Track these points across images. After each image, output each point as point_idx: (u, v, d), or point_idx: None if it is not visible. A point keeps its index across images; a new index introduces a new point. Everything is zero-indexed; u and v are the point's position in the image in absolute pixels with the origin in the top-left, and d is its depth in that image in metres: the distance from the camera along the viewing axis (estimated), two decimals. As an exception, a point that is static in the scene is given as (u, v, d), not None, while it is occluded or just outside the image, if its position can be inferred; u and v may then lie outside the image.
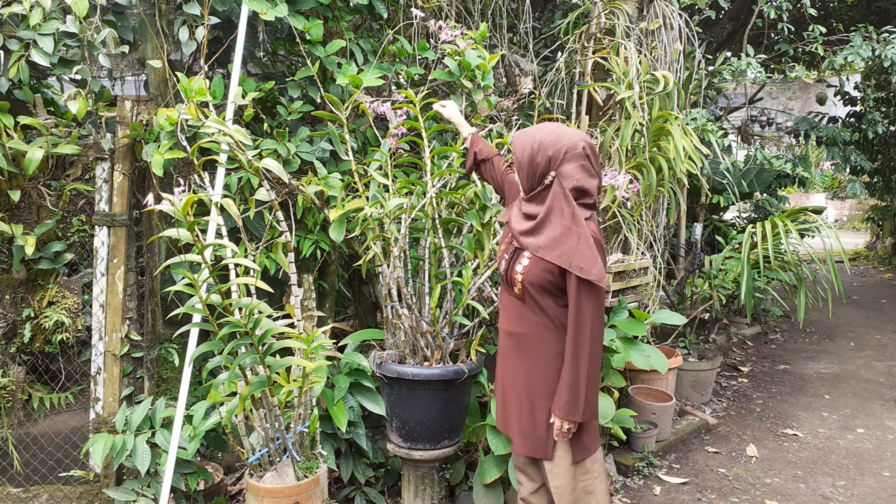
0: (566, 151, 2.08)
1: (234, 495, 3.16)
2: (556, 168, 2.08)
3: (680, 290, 5.14)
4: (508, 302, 2.25)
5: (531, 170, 2.11)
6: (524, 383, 2.19)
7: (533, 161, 2.10)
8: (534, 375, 2.17)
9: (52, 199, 2.95)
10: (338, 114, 2.75)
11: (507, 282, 2.22)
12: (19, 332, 2.91)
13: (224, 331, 2.09)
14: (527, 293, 2.15)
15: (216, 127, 2.22)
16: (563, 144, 2.08)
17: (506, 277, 2.23)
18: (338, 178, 2.90)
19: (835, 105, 7.54)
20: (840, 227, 15.56)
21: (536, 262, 2.10)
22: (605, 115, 3.96)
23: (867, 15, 7.25)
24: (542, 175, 2.11)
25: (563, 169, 2.08)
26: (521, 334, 2.19)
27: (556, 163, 2.08)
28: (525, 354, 2.19)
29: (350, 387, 2.89)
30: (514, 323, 2.22)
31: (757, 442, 4.00)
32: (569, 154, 2.09)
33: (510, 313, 2.24)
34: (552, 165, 2.08)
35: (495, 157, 2.59)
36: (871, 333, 6.59)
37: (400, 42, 3.27)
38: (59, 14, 2.60)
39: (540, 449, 2.18)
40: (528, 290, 2.13)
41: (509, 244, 2.23)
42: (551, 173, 2.09)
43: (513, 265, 2.18)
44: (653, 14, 4.05)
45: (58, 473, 2.97)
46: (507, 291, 2.25)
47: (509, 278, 2.20)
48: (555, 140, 2.09)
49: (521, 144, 2.14)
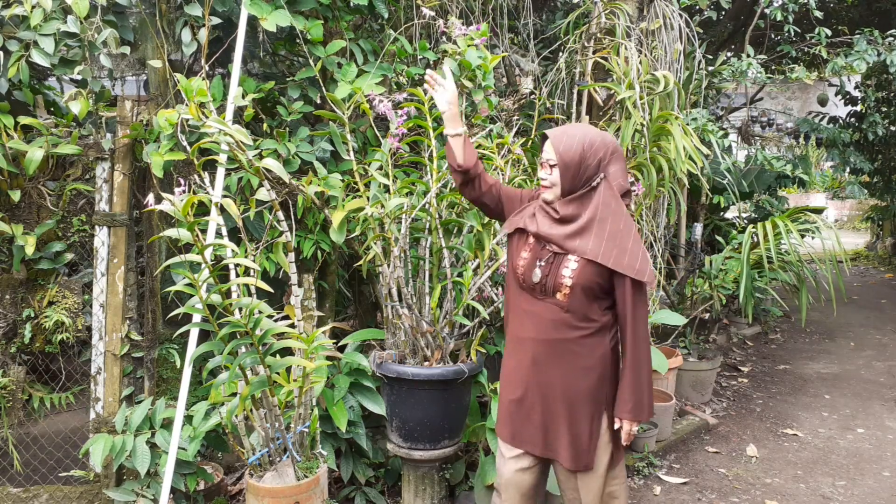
0: (613, 152, 2.08)
1: (235, 495, 3.16)
2: (604, 169, 2.06)
3: (680, 289, 5.14)
4: (542, 309, 2.12)
5: (579, 171, 2.04)
6: (562, 393, 2.11)
7: (584, 162, 2.04)
8: (573, 384, 2.10)
9: (53, 199, 2.95)
10: (339, 113, 2.75)
11: (543, 289, 2.10)
12: (19, 331, 2.91)
13: (224, 331, 2.09)
14: (573, 298, 2.06)
15: (217, 127, 2.22)
16: (609, 145, 2.07)
17: (540, 285, 2.11)
18: (338, 178, 2.90)
19: (836, 106, 7.54)
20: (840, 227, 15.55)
21: (586, 265, 2.03)
22: (605, 115, 3.96)
23: (868, 15, 7.25)
24: (590, 177, 2.06)
25: (610, 170, 2.07)
26: (559, 341, 2.10)
27: (604, 164, 2.06)
28: (562, 363, 2.10)
29: (350, 386, 2.89)
30: (549, 331, 2.10)
31: (757, 442, 4.00)
32: (615, 155, 2.08)
33: (544, 320, 2.11)
34: (601, 166, 2.06)
35: (484, 172, 2.33)
36: (872, 333, 6.59)
37: (400, 42, 3.27)
38: (60, 14, 2.60)
39: (584, 459, 2.12)
40: (578, 294, 2.05)
41: (539, 250, 2.12)
42: (600, 175, 2.06)
43: (556, 271, 2.07)
44: (653, 14, 4.05)
45: (58, 473, 2.97)
46: (541, 298, 2.12)
47: (549, 285, 2.09)
48: (602, 141, 2.07)
49: (567, 144, 2.05)
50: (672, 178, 3.67)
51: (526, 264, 2.14)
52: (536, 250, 2.13)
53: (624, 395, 2.07)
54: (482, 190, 2.28)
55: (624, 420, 2.09)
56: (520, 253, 2.17)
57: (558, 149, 2.05)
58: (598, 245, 2.02)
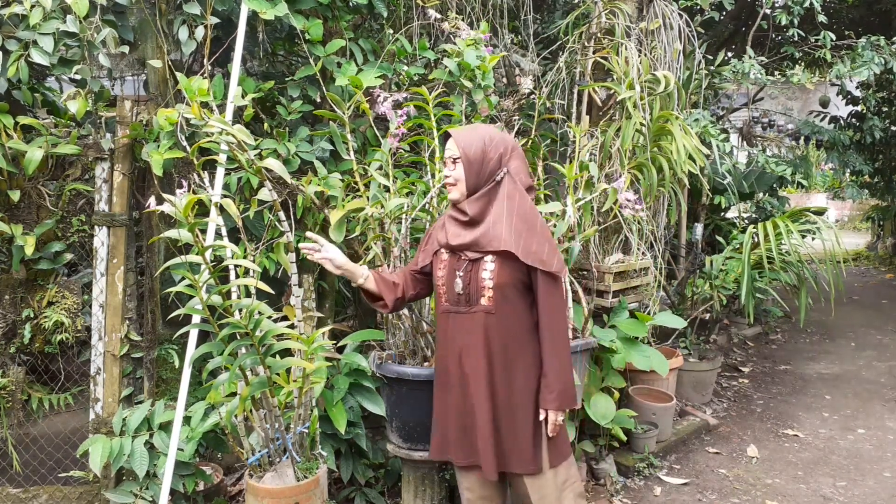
0: (513, 149, 2.10)
1: (234, 496, 3.15)
2: (506, 164, 2.07)
3: (681, 290, 5.14)
4: (470, 324, 2.09)
5: (482, 165, 2.05)
6: (505, 400, 2.09)
7: (486, 156, 2.05)
8: (515, 388, 2.08)
9: (52, 199, 2.94)
10: (340, 113, 2.75)
11: (468, 299, 2.09)
12: (19, 332, 2.90)
13: (225, 332, 2.08)
14: (498, 300, 2.05)
15: (219, 126, 2.22)
16: (508, 142, 2.10)
17: (464, 295, 2.09)
18: (338, 178, 2.90)
19: (837, 108, 7.53)
20: (841, 227, 15.54)
21: (503, 264, 2.03)
22: (605, 115, 3.95)
23: (868, 16, 7.23)
24: (494, 171, 2.06)
25: (512, 165, 2.08)
26: (495, 350, 2.08)
27: (506, 159, 2.07)
28: (502, 370, 2.08)
29: (350, 387, 2.88)
30: (482, 342, 2.08)
31: (758, 442, 3.99)
32: (515, 151, 2.11)
33: (475, 334, 2.09)
34: (503, 161, 2.07)
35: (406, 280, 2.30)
36: (872, 334, 6.58)
37: (400, 42, 3.26)
38: (59, 14, 2.60)
39: (527, 463, 2.09)
40: (501, 295, 2.04)
41: (455, 261, 2.11)
42: (502, 170, 2.07)
43: (476, 276, 2.06)
44: (653, 14, 4.04)
45: (57, 474, 2.96)
46: (468, 310, 2.10)
47: (472, 292, 2.07)
48: (502, 137, 2.09)
49: (468, 139, 2.06)
50: (672, 178, 3.67)
51: (445, 277, 2.13)
52: (452, 262, 2.12)
53: (550, 384, 2.05)
54: (415, 290, 2.30)
55: (550, 410, 2.07)
56: (438, 273, 2.17)
57: (460, 144, 2.06)
58: (508, 238, 2.02)
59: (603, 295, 3.62)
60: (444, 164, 2.11)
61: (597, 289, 3.64)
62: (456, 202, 2.11)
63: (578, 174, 3.09)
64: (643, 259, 3.82)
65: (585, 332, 3.26)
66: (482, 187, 2.07)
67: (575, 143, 3.29)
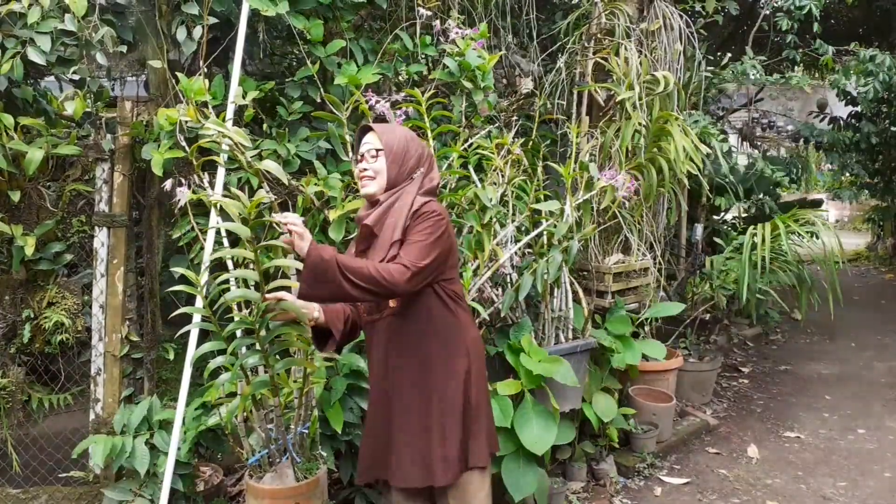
0: (429, 155, 2.11)
1: (234, 496, 3.15)
2: (423, 165, 2.05)
3: (680, 290, 5.13)
4: (386, 328, 2.00)
5: (405, 159, 2.01)
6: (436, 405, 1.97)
7: (408, 152, 2.02)
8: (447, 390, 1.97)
9: (52, 200, 2.94)
10: (338, 114, 2.75)
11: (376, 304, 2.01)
12: (19, 332, 2.90)
13: (230, 328, 2.08)
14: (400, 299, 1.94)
15: (215, 129, 2.22)
16: (425, 147, 2.11)
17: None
18: (337, 179, 2.90)
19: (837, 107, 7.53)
20: (841, 227, 15.53)
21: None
22: (605, 115, 3.96)
23: (868, 16, 7.23)
24: (413, 169, 2.03)
25: (427, 167, 2.07)
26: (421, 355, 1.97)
27: (423, 161, 2.06)
28: (426, 374, 1.97)
29: (349, 388, 2.88)
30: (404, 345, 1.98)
31: (758, 443, 3.99)
32: (431, 158, 2.11)
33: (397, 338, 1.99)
34: (420, 162, 2.05)
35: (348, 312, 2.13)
36: (872, 334, 6.57)
37: (401, 40, 3.26)
38: (58, 13, 2.60)
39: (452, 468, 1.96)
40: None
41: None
42: (420, 169, 2.04)
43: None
44: (653, 15, 4.05)
45: (57, 474, 2.96)
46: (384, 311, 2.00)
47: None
48: (419, 141, 2.10)
49: (390, 134, 2.03)
50: (672, 178, 3.67)
51: None
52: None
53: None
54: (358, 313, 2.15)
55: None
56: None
57: (383, 137, 2.02)
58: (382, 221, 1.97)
59: (603, 295, 3.62)
60: (362, 158, 2.03)
61: (597, 289, 3.64)
62: (371, 196, 2.02)
63: (577, 172, 3.10)
64: (643, 259, 3.82)
65: (585, 332, 3.26)
66: (400, 183, 2.01)
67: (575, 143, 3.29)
